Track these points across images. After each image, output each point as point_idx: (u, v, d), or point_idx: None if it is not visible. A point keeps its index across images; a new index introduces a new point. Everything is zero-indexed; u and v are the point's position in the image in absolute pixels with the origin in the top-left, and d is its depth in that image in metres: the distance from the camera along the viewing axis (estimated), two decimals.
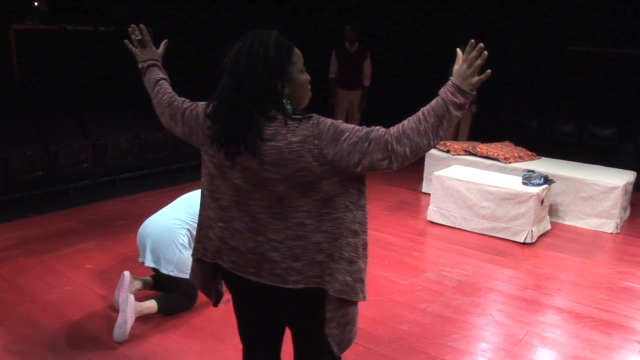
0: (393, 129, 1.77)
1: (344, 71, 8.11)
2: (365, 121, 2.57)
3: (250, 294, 2.06)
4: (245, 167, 1.83)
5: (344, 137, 1.75)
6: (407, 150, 1.74)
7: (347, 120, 8.31)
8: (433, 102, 1.77)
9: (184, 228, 3.65)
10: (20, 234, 5.04)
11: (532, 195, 5.23)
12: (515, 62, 8.57)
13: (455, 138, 7.84)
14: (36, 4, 6.82)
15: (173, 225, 3.64)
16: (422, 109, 1.77)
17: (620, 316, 3.97)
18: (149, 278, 3.83)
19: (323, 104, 8.95)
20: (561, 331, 3.75)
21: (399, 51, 9.54)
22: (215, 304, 2.26)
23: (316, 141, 1.75)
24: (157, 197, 6.28)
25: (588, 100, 8.30)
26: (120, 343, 3.38)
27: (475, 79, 1.74)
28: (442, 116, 1.74)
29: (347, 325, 1.95)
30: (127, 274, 3.65)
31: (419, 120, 1.75)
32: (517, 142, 7.17)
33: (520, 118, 8.73)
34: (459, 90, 1.74)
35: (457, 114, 1.75)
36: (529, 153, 6.73)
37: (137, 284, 3.73)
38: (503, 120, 8.67)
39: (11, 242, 4.74)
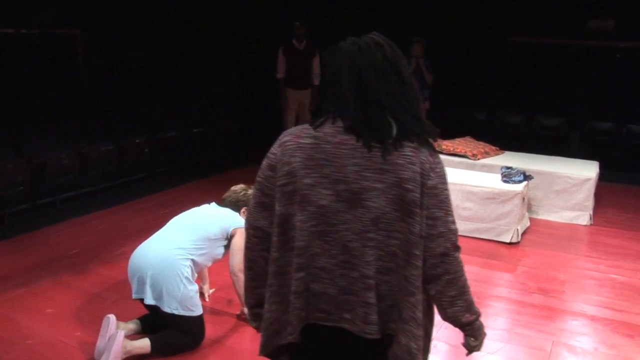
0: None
1: (293, 70, 7.65)
2: None
3: (333, 348, 1.71)
4: (336, 179, 1.57)
5: (448, 186, 1.63)
6: (450, 268, 1.62)
7: (297, 121, 7.86)
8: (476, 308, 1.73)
9: (187, 259, 3.15)
10: None
11: (516, 194, 5.07)
12: (457, 55, 8.49)
13: None
14: None
15: (176, 256, 3.12)
16: (470, 299, 1.70)
17: (633, 315, 3.87)
18: (136, 321, 3.28)
19: (271, 107, 8.45)
20: (585, 338, 3.59)
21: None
22: None
23: (431, 159, 1.60)
24: (104, 217, 5.61)
25: (535, 90, 8.38)
26: None
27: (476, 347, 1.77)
28: (464, 298, 1.68)
29: None
30: (112, 317, 3.07)
31: (468, 289, 1.69)
32: (468, 135, 7.05)
33: (469, 111, 8.69)
34: (478, 330, 1.73)
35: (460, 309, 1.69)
36: (494, 148, 6.63)
37: (125, 329, 3.16)
38: (452, 114, 8.60)
39: None
